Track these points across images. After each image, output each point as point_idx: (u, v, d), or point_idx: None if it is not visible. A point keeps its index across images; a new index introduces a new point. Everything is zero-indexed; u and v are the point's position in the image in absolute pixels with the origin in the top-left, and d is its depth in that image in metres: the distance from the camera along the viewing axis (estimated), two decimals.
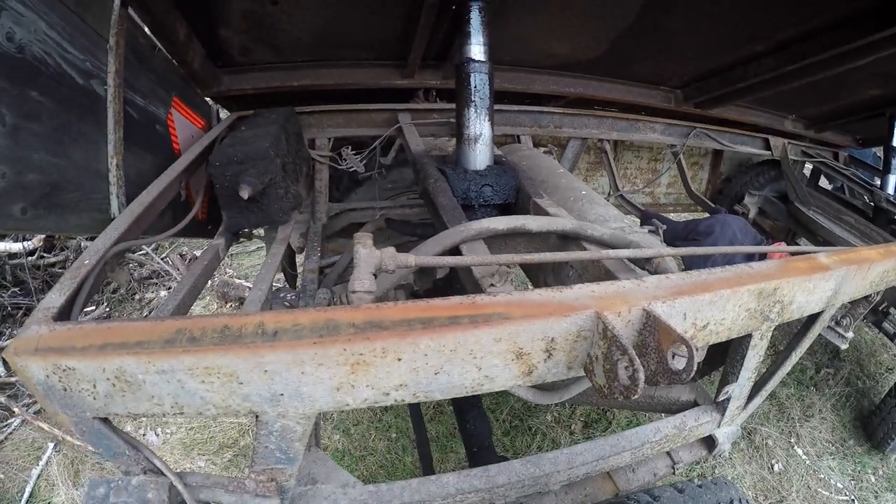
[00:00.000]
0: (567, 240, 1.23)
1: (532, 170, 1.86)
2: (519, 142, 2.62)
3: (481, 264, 0.91)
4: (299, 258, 2.70)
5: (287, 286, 2.40)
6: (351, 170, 2.19)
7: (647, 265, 1.07)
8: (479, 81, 1.62)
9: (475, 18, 1.62)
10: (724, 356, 1.24)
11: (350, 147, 2.25)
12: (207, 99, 2.32)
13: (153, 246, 4.88)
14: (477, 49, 1.63)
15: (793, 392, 3.67)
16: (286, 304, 1.41)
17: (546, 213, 1.34)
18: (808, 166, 3.87)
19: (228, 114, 2.44)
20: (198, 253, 4.89)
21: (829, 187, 4.01)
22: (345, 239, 2.27)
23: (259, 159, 1.52)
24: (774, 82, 2.70)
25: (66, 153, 1.41)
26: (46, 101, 1.33)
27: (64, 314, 0.88)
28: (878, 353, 4.22)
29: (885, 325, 3.40)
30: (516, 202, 1.62)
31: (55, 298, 0.89)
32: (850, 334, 2.02)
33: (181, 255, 4.95)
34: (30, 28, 1.28)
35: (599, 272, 1.10)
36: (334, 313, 0.72)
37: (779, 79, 2.65)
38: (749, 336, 1.08)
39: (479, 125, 1.64)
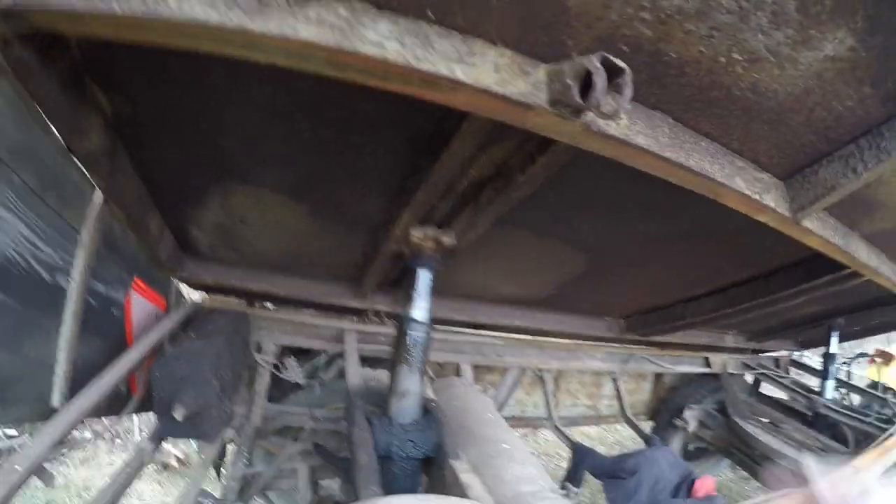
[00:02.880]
0: None
1: (460, 415, 1.90)
2: (459, 371, 2.64)
3: None
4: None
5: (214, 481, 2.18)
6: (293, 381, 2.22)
7: None
8: (415, 341, 1.66)
9: (422, 283, 1.68)
10: None
11: (294, 357, 2.30)
12: None
13: None
14: (419, 312, 1.67)
15: None
16: None
17: (458, 481, 1.38)
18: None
19: (189, 292, 2.40)
20: None
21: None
22: (277, 438, 2.20)
23: (198, 382, 1.60)
24: (712, 319, 2.83)
25: (21, 349, 1.36)
26: (11, 301, 1.29)
27: None
28: None
29: None
30: (437, 455, 1.64)
31: None
32: None
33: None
34: (9, 232, 1.24)
35: None
36: None
37: (716, 317, 2.78)
38: None
39: (410, 382, 1.67)
